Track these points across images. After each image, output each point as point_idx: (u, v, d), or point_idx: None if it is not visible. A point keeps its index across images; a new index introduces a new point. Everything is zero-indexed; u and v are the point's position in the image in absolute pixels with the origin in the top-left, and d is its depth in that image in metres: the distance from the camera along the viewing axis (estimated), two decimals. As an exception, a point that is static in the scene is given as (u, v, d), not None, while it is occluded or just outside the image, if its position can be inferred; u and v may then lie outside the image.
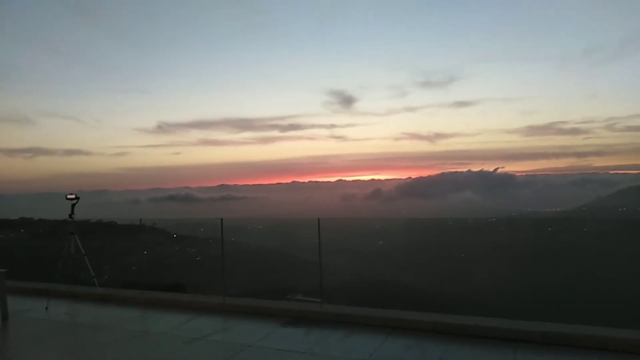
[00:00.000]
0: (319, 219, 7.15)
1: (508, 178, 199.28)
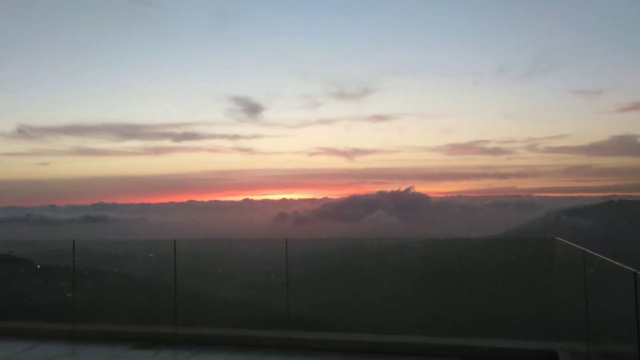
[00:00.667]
0: (286, 240, 7.18)
1: (422, 199, 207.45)
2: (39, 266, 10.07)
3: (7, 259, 9.74)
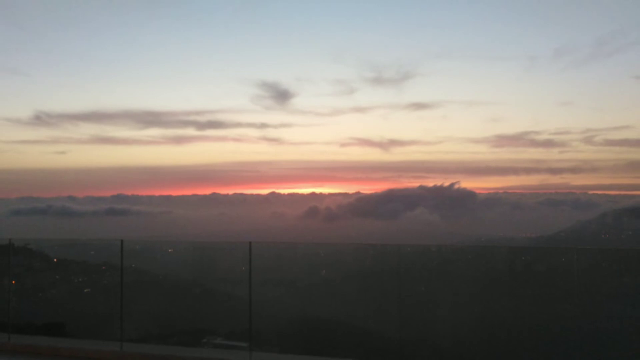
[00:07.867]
0: (250, 243, 7.23)
1: (468, 195, 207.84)
2: (55, 260, 10.25)
3: (24, 252, 9.86)
